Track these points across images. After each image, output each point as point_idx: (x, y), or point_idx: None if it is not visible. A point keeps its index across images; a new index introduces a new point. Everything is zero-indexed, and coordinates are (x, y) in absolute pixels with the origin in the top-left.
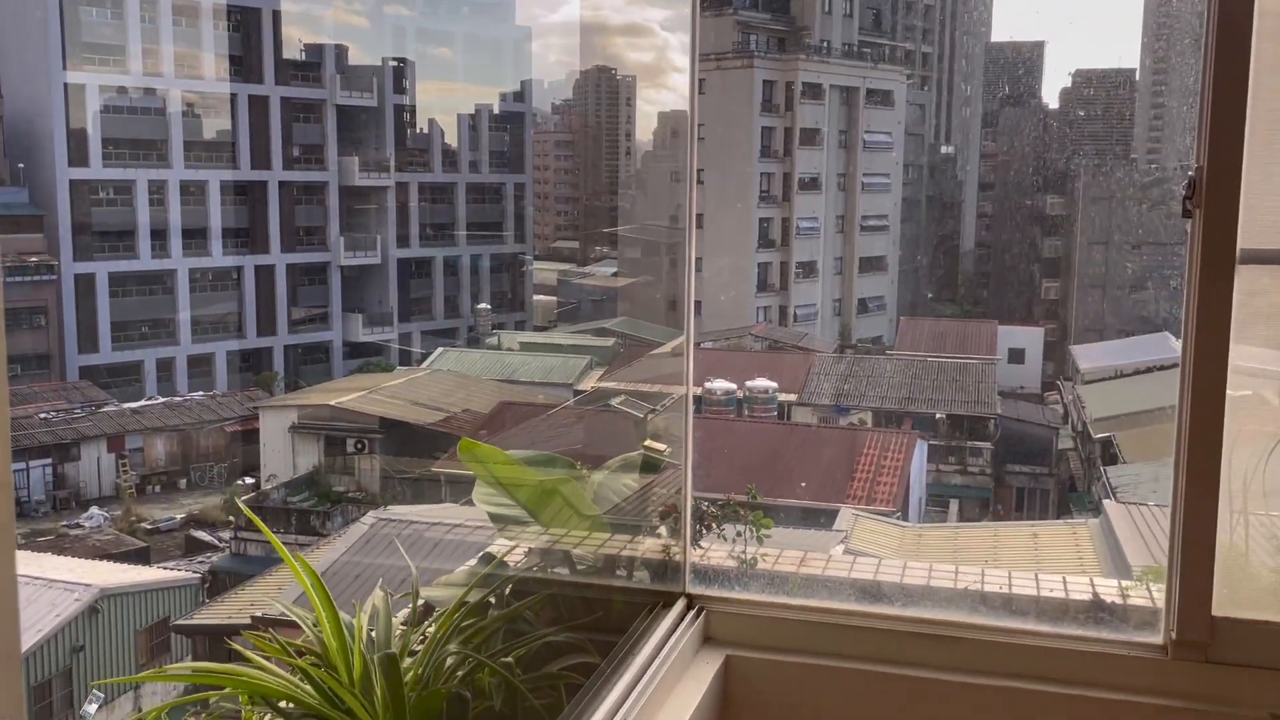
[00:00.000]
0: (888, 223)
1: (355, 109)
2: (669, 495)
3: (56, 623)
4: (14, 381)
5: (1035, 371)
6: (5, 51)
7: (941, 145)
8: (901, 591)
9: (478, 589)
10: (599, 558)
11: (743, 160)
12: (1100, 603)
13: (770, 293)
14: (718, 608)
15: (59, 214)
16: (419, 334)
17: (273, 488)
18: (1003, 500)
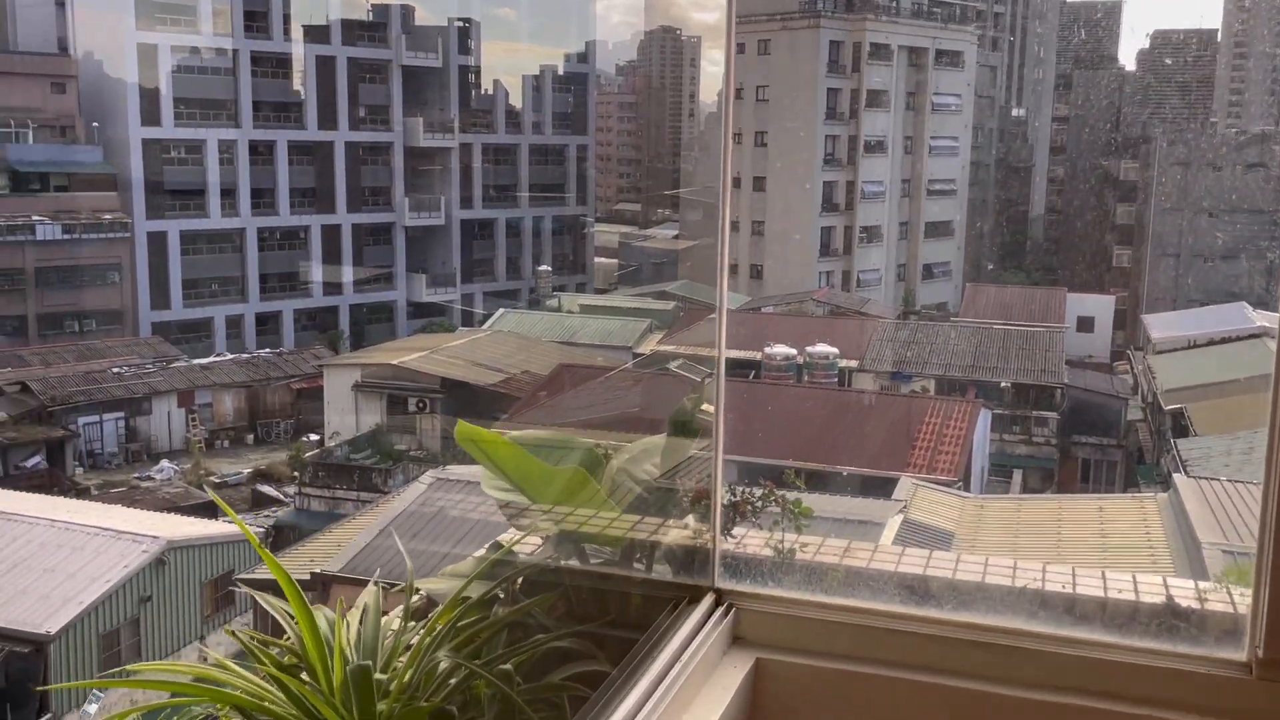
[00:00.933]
0: (955, 187)
1: (421, 70)
2: (698, 479)
3: (124, 573)
4: (88, 336)
5: (1105, 340)
6: (80, 13)
7: (1012, 108)
8: (952, 590)
9: (482, 582)
10: (618, 549)
11: (807, 123)
12: (1175, 608)
13: (833, 257)
14: (749, 605)
15: (132, 173)
16: (481, 295)
17: (336, 445)
18: (1068, 472)
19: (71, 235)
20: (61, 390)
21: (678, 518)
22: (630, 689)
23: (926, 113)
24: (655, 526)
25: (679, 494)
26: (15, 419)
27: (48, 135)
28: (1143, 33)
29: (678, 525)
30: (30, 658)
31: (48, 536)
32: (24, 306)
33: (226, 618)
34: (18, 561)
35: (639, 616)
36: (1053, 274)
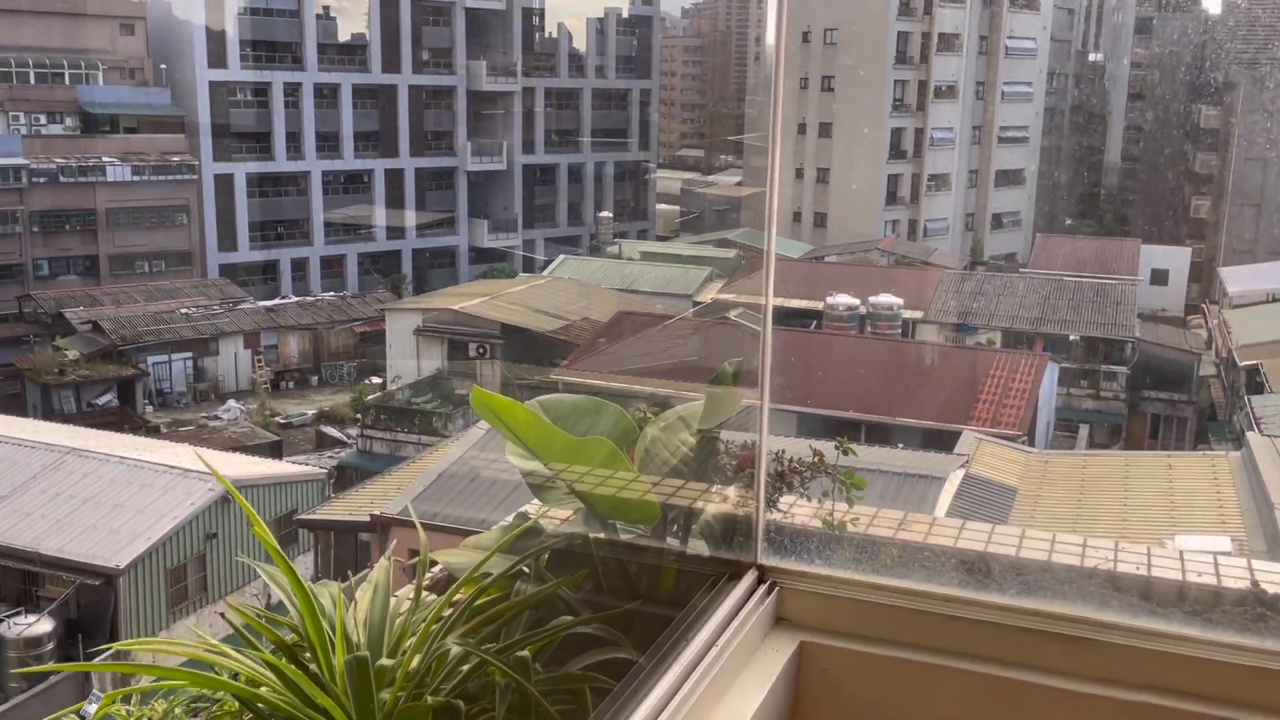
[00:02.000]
0: (1028, 134)
1: (484, 12)
2: (742, 447)
3: (191, 510)
4: (158, 276)
5: (1179, 294)
6: None
7: (1090, 52)
8: (1015, 571)
9: (505, 556)
10: (652, 523)
11: (877, 67)
12: (1261, 595)
13: (900, 205)
14: (794, 583)
15: (199, 115)
16: (542, 241)
17: (398, 388)
18: (1136, 428)
19: (141, 177)
20: (132, 330)
21: (719, 488)
22: (662, 675)
23: (1000, 57)
24: (694, 497)
25: (721, 462)
26: (87, 357)
27: (117, 77)
28: None
29: (719, 496)
30: (101, 590)
31: (117, 473)
32: (95, 247)
33: (291, 555)
34: (89, 497)
35: (676, 595)
36: (1127, 225)
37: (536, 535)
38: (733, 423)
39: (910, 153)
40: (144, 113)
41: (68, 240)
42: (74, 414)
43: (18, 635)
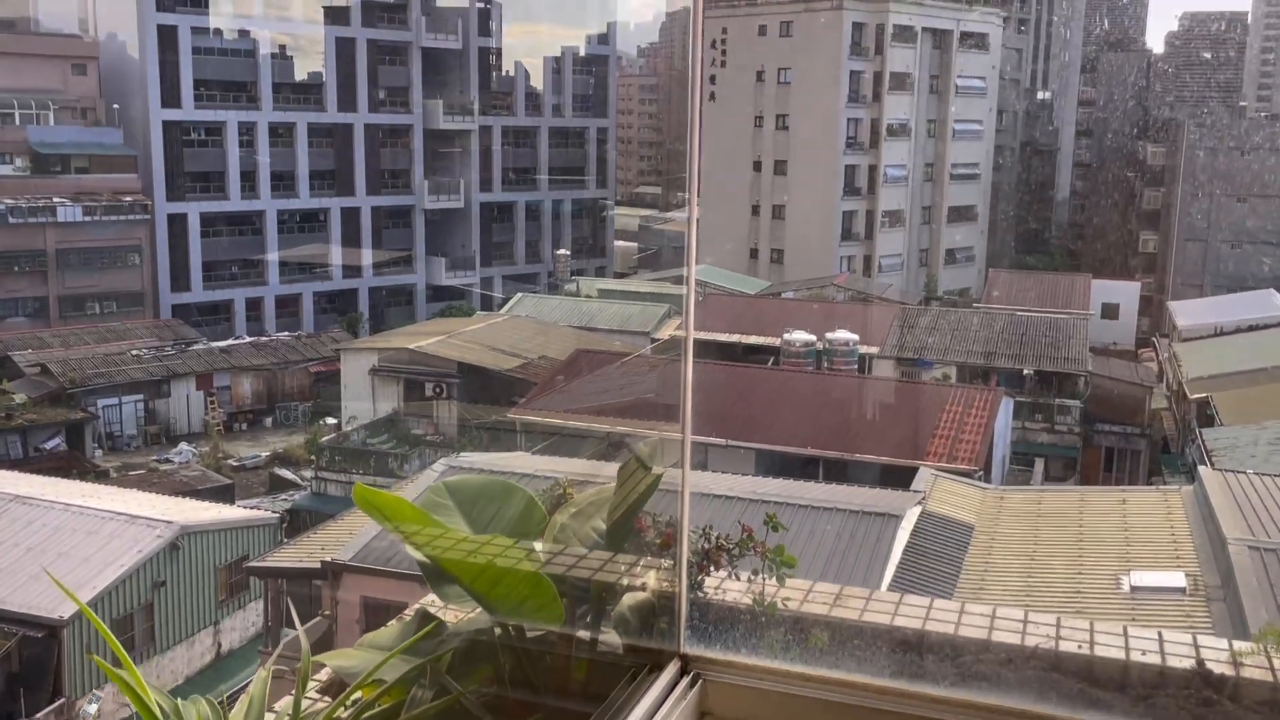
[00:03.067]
0: (979, 171)
1: (441, 51)
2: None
3: (138, 558)
4: (109, 317)
5: (1130, 328)
6: None
7: (1038, 91)
8: (952, 653)
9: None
10: (559, 619)
11: (830, 105)
12: (1207, 675)
13: (854, 241)
14: (719, 674)
15: (152, 154)
16: (500, 278)
17: (353, 429)
18: (1090, 460)
19: (92, 217)
20: (81, 372)
21: (642, 571)
22: None
23: (950, 96)
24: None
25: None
26: (35, 400)
27: (69, 117)
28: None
29: (640, 581)
30: (44, 643)
31: (63, 520)
32: (45, 288)
33: (241, 602)
34: (33, 546)
35: (594, 690)
36: (1077, 260)
37: (438, 631)
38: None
39: (865, 190)
40: (96, 152)
41: (16, 281)
42: (20, 459)
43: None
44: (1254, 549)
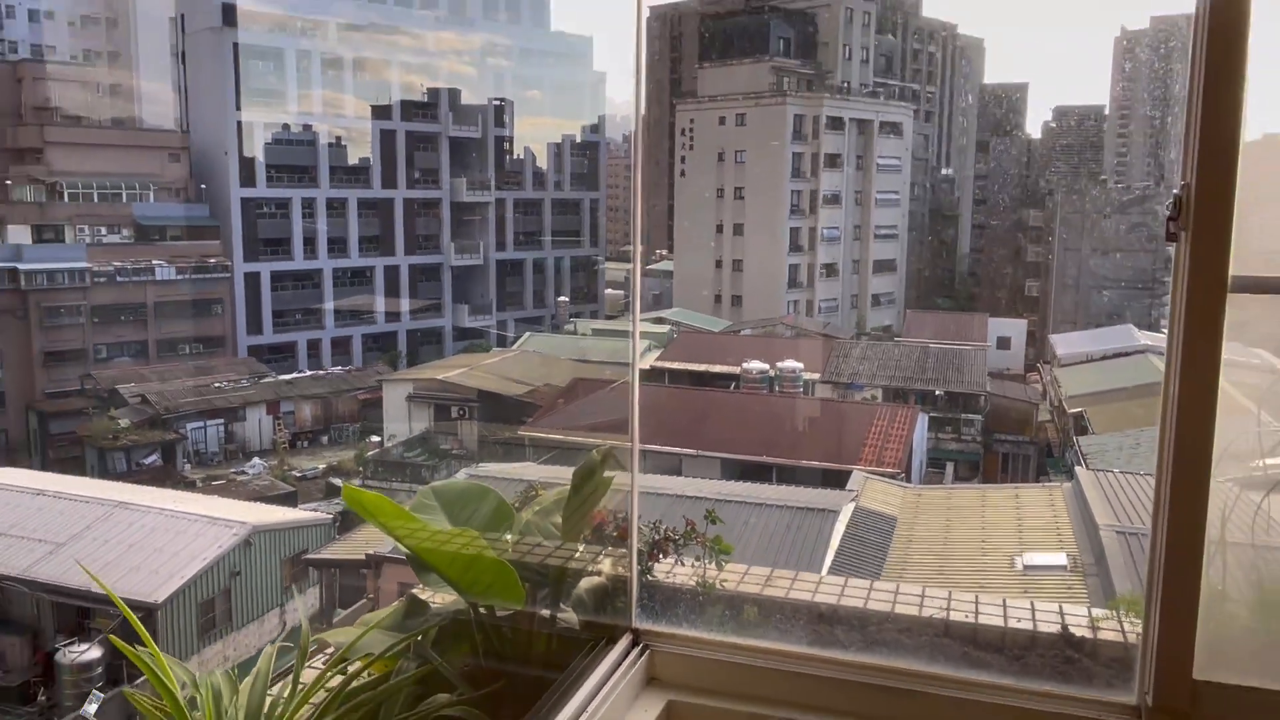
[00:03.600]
0: (897, 231)
1: (464, 140)
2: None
3: (217, 552)
4: (196, 357)
5: (1019, 356)
6: (194, 96)
7: (942, 168)
8: (860, 623)
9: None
10: (520, 601)
11: (777, 180)
12: (1069, 637)
13: (798, 289)
14: (664, 645)
15: (233, 225)
16: (512, 321)
17: (393, 445)
18: (990, 464)
19: (184, 276)
20: (174, 401)
21: (602, 558)
22: None
23: (872, 172)
24: (574, 569)
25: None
26: (136, 425)
27: (166, 195)
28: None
29: (598, 567)
30: (143, 623)
31: (157, 522)
32: (145, 333)
33: (302, 588)
34: (133, 543)
35: (559, 660)
36: (976, 302)
37: (421, 611)
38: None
39: (806, 247)
40: (187, 224)
41: (122, 329)
42: (124, 472)
43: (72, 662)
44: (1120, 533)
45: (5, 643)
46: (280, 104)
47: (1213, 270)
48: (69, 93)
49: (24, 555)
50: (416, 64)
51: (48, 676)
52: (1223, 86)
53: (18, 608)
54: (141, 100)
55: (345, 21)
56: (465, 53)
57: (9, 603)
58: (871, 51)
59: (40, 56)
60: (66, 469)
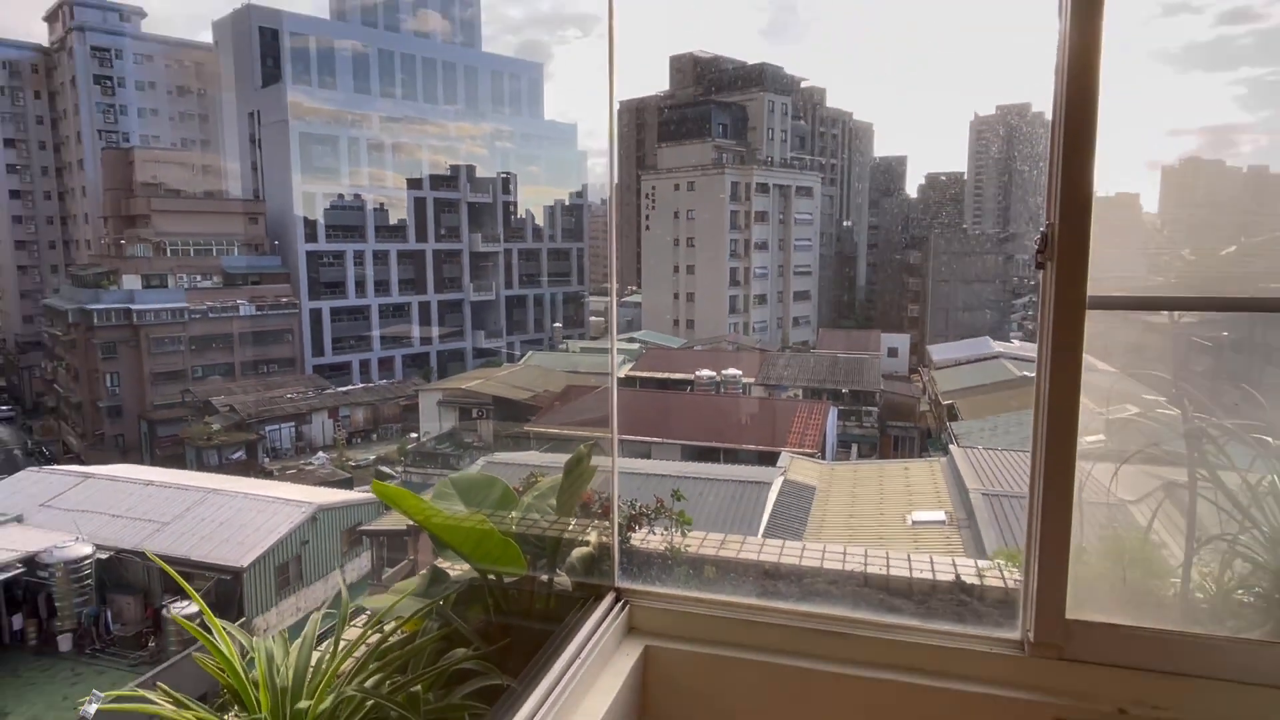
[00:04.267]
0: (811, 269)
1: (479, 204)
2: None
3: (290, 527)
4: (273, 375)
5: (904, 362)
6: (268, 172)
7: (844, 221)
8: (796, 575)
9: (417, 599)
10: (521, 569)
11: (718, 231)
12: (962, 584)
13: (737, 314)
14: (641, 601)
15: (299, 272)
16: (518, 342)
17: (427, 440)
18: (885, 444)
19: (261, 312)
20: (255, 409)
21: (589, 531)
22: (534, 687)
23: (791, 224)
24: (568, 541)
25: (592, 509)
26: (226, 428)
27: (246, 250)
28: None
29: (584, 540)
30: (231, 583)
31: (243, 504)
32: (232, 357)
33: (357, 553)
34: (224, 520)
35: (557, 615)
36: (872, 321)
37: (443, 580)
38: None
39: (742, 282)
40: (263, 271)
41: (214, 354)
42: (217, 465)
43: (177, 614)
44: (985, 495)
45: (123, 602)
46: (335, 178)
47: (1073, 292)
48: (170, 172)
49: (137, 533)
50: (441, 146)
51: (156, 628)
52: (1077, 145)
53: (132, 574)
54: (227, 176)
55: (385, 115)
56: (478, 137)
57: (126, 570)
58: (789, 133)
59: (148, 144)
60: (171, 464)
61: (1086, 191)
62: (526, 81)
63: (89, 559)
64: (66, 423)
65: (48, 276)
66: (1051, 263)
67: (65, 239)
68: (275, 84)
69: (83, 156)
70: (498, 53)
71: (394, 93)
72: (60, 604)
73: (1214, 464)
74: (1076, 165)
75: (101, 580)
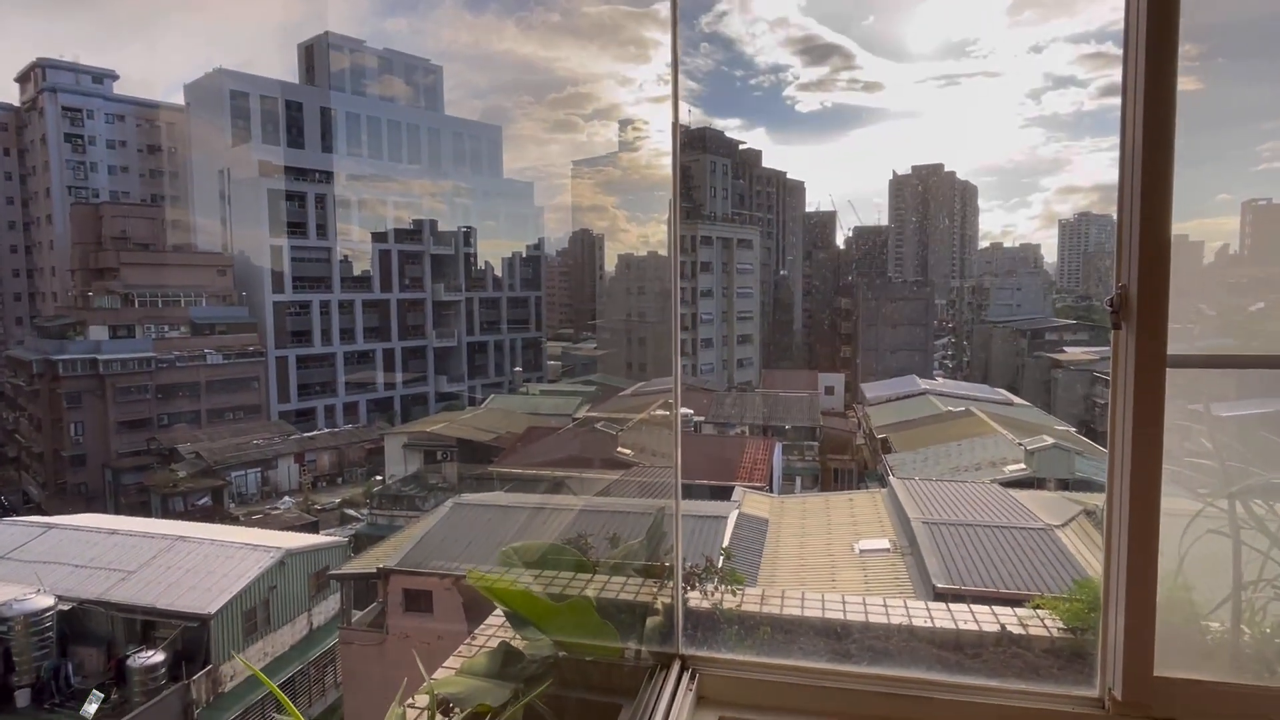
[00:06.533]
0: (753, 314)
1: (442, 256)
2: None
3: (257, 572)
4: (237, 421)
5: (840, 399)
6: (236, 227)
7: (780, 269)
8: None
9: (496, 686)
10: (615, 645)
11: (667, 281)
12: (1009, 634)
13: (687, 356)
14: (708, 669)
15: (267, 321)
16: (480, 386)
17: (393, 482)
18: (826, 477)
19: (228, 360)
20: (221, 455)
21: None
22: None
23: (734, 273)
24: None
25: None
26: (191, 475)
27: (215, 300)
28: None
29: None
30: (199, 630)
31: (210, 550)
32: (199, 404)
33: (324, 596)
34: (190, 567)
35: (624, 686)
36: (810, 363)
37: (517, 660)
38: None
39: (690, 326)
40: (231, 321)
41: (180, 402)
42: (182, 511)
43: (141, 664)
44: (925, 523)
45: (85, 653)
46: (302, 232)
47: (1154, 352)
48: (140, 226)
49: (101, 582)
50: (404, 202)
51: (119, 679)
52: (1153, 204)
53: (96, 625)
54: (196, 231)
55: (351, 172)
56: (440, 194)
57: (89, 621)
58: (729, 191)
59: (118, 199)
60: (136, 512)
61: (1164, 251)
62: (486, 142)
63: (50, 610)
64: (28, 472)
65: (11, 328)
66: (1128, 323)
67: (31, 291)
68: (245, 143)
69: (51, 211)
70: (460, 115)
71: (360, 152)
72: (19, 658)
73: (1261, 514)
74: (1152, 225)
75: (63, 632)
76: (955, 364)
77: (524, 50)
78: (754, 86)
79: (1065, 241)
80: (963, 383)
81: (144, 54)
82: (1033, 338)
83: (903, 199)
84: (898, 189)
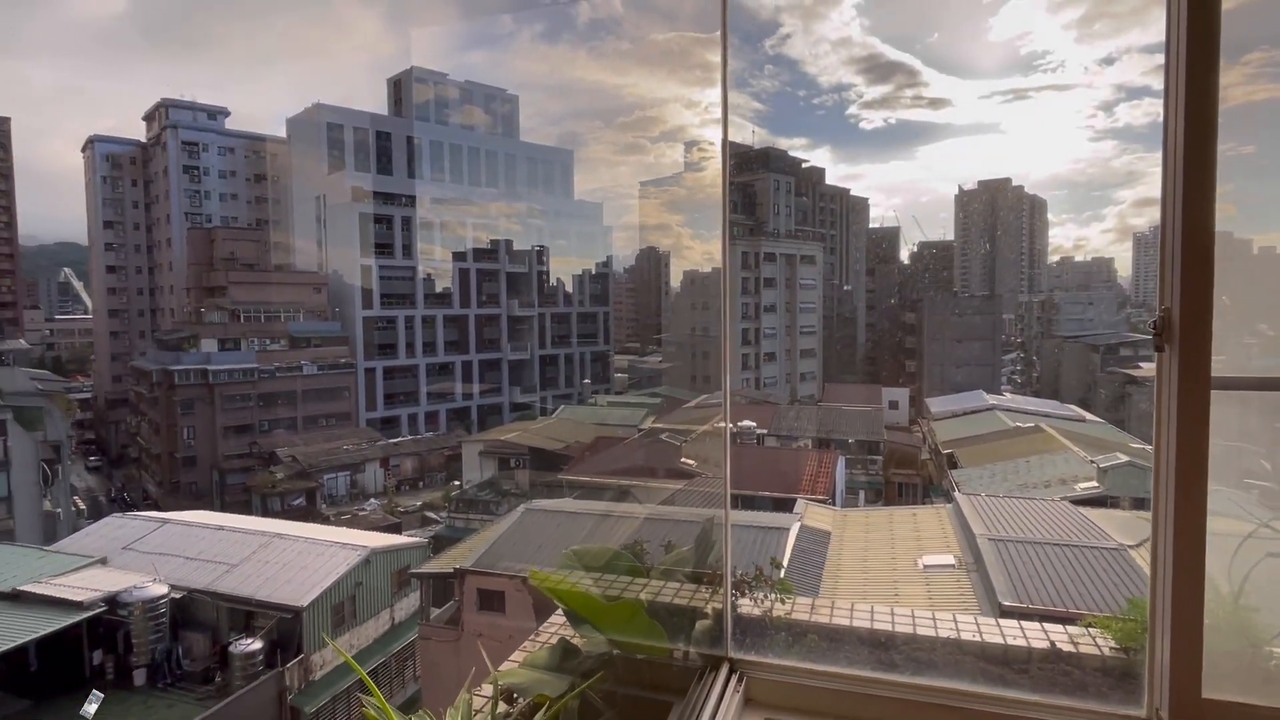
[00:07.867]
0: (815, 329)
1: (516, 274)
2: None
3: (346, 568)
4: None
5: (905, 414)
6: (331, 248)
7: (843, 285)
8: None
9: (556, 678)
10: (663, 644)
11: (732, 295)
12: (1058, 651)
13: (749, 370)
14: (756, 673)
15: (356, 335)
16: (551, 397)
17: (469, 487)
18: (890, 491)
19: (322, 370)
20: (315, 460)
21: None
22: None
23: (796, 289)
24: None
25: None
26: (288, 477)
27: (310, 316)
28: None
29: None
30: (292, 621)
31: (303, 547)
32: (295, 412)
33: (405, 594)
34: (286, 563)
35: (674, 685)
36: (873, 377)
37: (575, 655)
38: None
39: (754, 341)
40: (325, 335)
41: (279, 410)
42: (279, 511)
43: (242, 651)
44: (991, 540)
45: (193, 639)
46: (389, 252)
47: (1198, 375)
48: (246, 248)
49: (209, 573)
50: (481, 223)
51: (222, 664)
52: (1196, 228)
53: (202, 613)
54: (295, 252)
55: (434, 196)
56: (515, 215)
57: (197, 609)
58: (792, 208)
59: (227, 224)
60: (239, 510)
61: (1207, 273)
62: (559, 166)
63: (164, 598)
64: (147, 472)
65: (135, 341)
66: (1171, 346)
67: (153, 307)
68: (339, 171)
69: (171, 235)
70: (535, 141)
71: (442, 177)
72: (137, 641)
73: None
74: (1195, 249)
75: (175, 618)
76: (1024, 379)
77: (595, 77)
78: (818, 105)
79: (1141, 255)
80: (1031, 398)
81: (253, 92)
82: (1105, 353)
83: (969, 214)
84: (965, 204)
